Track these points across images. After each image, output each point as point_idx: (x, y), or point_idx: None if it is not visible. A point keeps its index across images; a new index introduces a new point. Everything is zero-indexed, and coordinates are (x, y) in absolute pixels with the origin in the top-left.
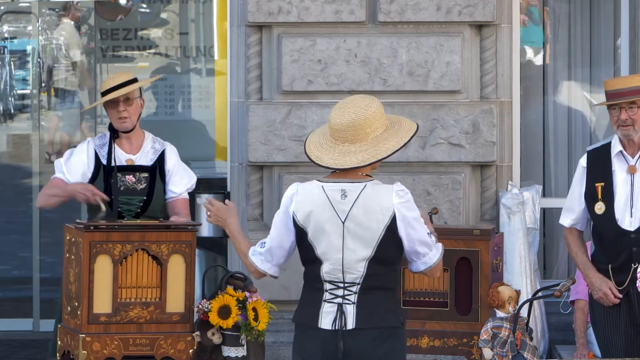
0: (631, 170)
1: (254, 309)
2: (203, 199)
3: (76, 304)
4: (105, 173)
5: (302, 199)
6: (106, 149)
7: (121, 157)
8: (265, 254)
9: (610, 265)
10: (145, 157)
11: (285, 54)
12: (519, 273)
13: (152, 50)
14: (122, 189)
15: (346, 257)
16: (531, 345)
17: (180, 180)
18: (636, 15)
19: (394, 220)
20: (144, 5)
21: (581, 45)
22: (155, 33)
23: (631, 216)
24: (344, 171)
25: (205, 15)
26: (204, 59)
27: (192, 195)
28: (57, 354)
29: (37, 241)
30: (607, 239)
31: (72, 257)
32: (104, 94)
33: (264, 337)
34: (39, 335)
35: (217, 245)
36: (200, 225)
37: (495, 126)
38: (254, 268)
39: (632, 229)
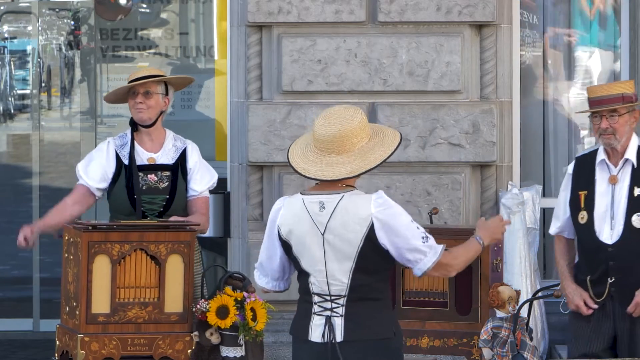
0: (612, 181)
1: (252, 309)
2: None
3: (74, 304)
4: (127, 173)
5: (285, 212)
6: (127, 148)
7: (142, 155)
8: (259, 268)
9: (589, 277)
10: (166, 156)
11: (285, 54)
12: (519, 273)
13: (152, 50)
14: (144, 188)
15: (329, 269)
16: (531, 345)
17: (201, 179)
18: (636, 15)
19: (372, 229)
20: (144, 5)
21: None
22: (155, 33)
23: (611, 229)
24: (326, 182)
25: (205, 15)
26: (204, 59)
27: None
28: (56, 354)
29: (37, 241)
30: (587, 250)
31: (71, 257)
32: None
33: (262, 337)
34: (39, 335)
35: (217, 245)
36: (199, 225)
37: (495, 126)
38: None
39: (610, 242)
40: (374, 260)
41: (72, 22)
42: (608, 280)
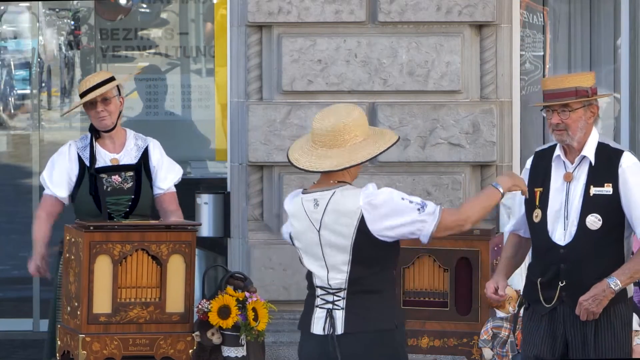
0: (567, 178)
1: (254, 309)
2: (203, 199)
3: (76, 304)
4: (90, 175)
5: (289, 211)
6: (88, 150)
7: (105, 157)
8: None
9: (539, 279)
10: (129, 156)
11: (285, 54)
12: (519, 273)
13: (152, 50)
14: (109, 189)
15: (328, 264)
16: None
17: (166, 175)
18: (636, 15)
19: (362, 221)
20: (144, 5)
21: (581, 45)
22: (155, 33)
23: (564, 229)
24: (322, 180)
25: (205, 15)
26: (204, 59)
27: (192, 195)
28: (57, 354)
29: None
30: (539, 251)
31: (72, 257)
32: (82, 95)
33: (264, 337)
34: (39, 335)
35: (217, 245)
36: (200, 225)
37: (495, 126)
38: None
39: (562, 243)
40: (370, 252)
41: (72, 22)
42: (559, 284)
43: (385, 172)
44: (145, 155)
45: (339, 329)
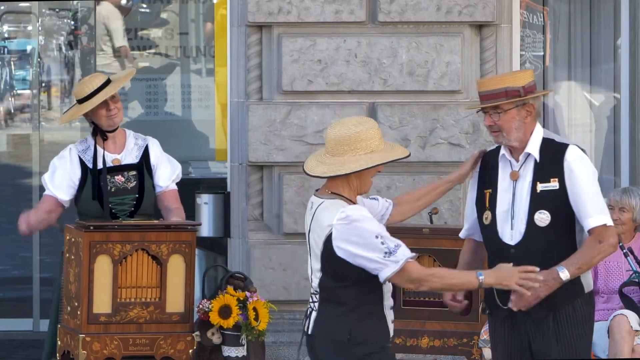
0: (513, 177)
1: (255, 309)
2: (203, 199)
3: (76, 304)
4: (92, 177)
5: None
6: (90, 152)
7: (107, 158)
8: None
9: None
10: (130, 155)
11: (285, 54)
12: None
13: (152, 50)
14: (112, 190)
15: (311, 265)
16: None
17: (164, 172)
18: (636, 15)
19: (329, 238)
20: (144, 5)
21: (581, 45)
22: (155, 33)
23: (512, 228)
24: (325, 183)
25: (205, 15)
26: (204, 59)
27: (192, 195)
28: (57, 354)
29: (37, 241)
30: (491, 252)
31: (72, 257)
32: (85, 99)
33: (264, 337)
34: (39, 335)
35: (217, 245)
36: (200, 225)
37: None
38: None
39: (512, 242)
40: (335, 267)
41: (72, 22)
42: None
43: (385, 172)
44: (145, 154)
45: (309, 329)
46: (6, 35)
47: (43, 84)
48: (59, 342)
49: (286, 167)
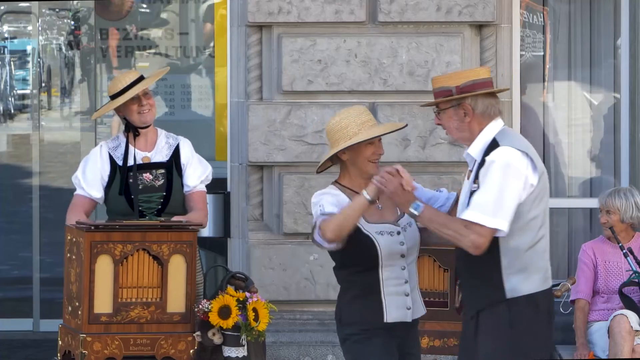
0: (467, 176)
1: (254, 309)
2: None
3: (77, 303)
4: (122, 174)
5: None
6: (120, 150)
7: (137, 155)
8: None
9: (458, 282)
10: (160, 154)
11: (285, 54)
12: None
13: (152, 50)
14: (140, 187)
15: None
16: None
17: (193, 173)
18: (636, 15)
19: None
20: (144, 5)
21: (581, 45)
22: (155, 33)
23: None
24: None
25: (205, 15)
26: (204, 59)
27: None
28: (58, 354)
29: (37, 241)
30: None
31: (73, 257)
32: (117, 95)
33: (265, 337)
34: (39, 335)
35: (217, 245)
36: (202, 225)
37: None
38: None
39: None
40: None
41: (72, 22)
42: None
43: None
44: (176, 153)
45: None
46: (6, 35)
47: (43, 84)
48: (60, 342)
49: (286, 167)
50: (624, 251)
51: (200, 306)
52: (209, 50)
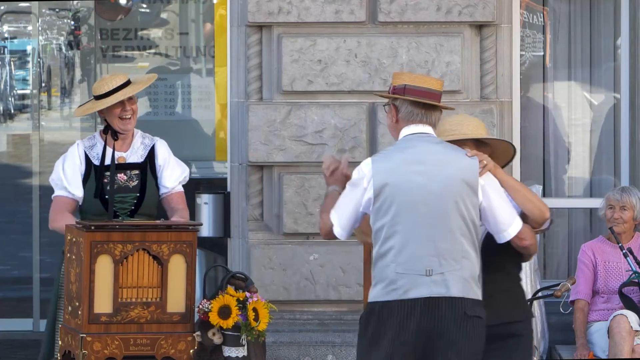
0: None
1: (255, 309)
2: (203, 199)
3: (77, 303)
4: (96, 173)
5: None
6: (96, 149)
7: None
8: None
9: None
10: (136, 154)
11: (285, 54)
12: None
13: (152, 50)
14: (114, 187)
15: None
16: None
17: (171, 174)
18: (636, 15)
19: None
20: (144, 5)
21: (581, 45)
22: (155, 33)
23: None
24: None
25: (205, 15)
26: (204, 59)
27: (192, 195)
28: (58, 354)
29: (37, 241)
30: None
31: (73, 257)
32: (102, 96)
33: (265, 337)
34: (39, 335)
35: (217, 245)
36: (201, 225)
37: (495, 126)
38: None
39: None
40: None
41: (72, 22)
42: None
43: None
44: (151, 154)
45: None
46: (6, 35)
47: (43, 84)
48: (60, 342)
49: (286, 167)
50: (624, 251)
51: (201, 306)
52: (209, 50)
